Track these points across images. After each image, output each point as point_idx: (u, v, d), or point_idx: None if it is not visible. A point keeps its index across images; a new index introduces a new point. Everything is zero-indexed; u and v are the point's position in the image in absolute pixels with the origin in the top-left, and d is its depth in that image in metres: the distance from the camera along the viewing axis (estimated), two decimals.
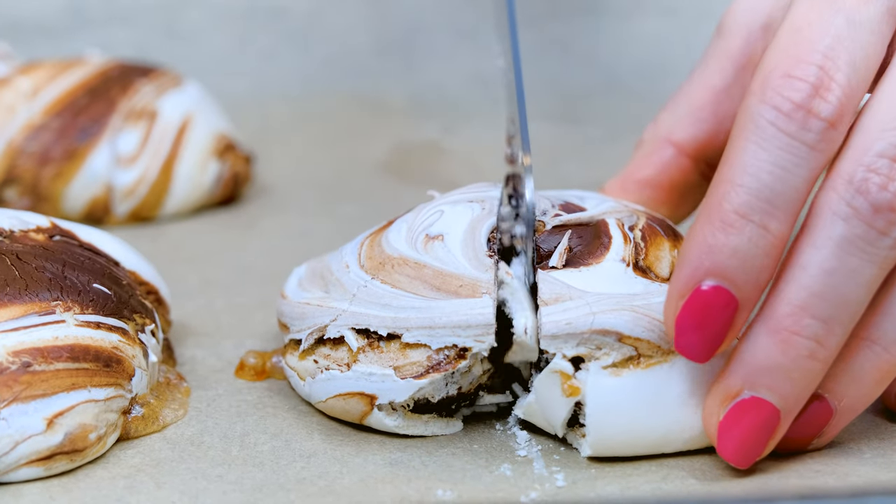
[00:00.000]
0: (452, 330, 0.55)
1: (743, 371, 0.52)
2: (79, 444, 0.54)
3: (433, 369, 0.55)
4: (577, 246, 0.57)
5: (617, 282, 0.56)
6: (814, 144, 0.51)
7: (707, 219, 0.52)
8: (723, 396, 0.53)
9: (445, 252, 0.57)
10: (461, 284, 0.56)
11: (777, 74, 0.52)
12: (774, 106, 0.51)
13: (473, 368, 0.57)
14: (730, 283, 0.52)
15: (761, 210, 0.51)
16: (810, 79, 0.51)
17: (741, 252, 0.51)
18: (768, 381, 0.52)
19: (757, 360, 0.52)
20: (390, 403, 0.56)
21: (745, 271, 0.52)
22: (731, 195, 0.51)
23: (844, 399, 0.54)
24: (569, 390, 0.55)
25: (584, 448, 0.55)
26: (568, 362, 0.55)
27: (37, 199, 0.77)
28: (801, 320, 0.51)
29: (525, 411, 0.57)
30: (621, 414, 0.54)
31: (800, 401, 0.53)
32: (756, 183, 0.51)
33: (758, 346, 0.52)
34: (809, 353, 0.52)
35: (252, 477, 0.54)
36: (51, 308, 0.56)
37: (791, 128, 0.51)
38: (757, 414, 0.52)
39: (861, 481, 0.53)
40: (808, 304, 0.51)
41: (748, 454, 0.53)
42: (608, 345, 0.54)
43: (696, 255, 0.52)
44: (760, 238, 0.51)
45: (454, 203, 0.59)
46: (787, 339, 0.52)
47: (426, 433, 0.57)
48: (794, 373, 0.52)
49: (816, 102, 0.51)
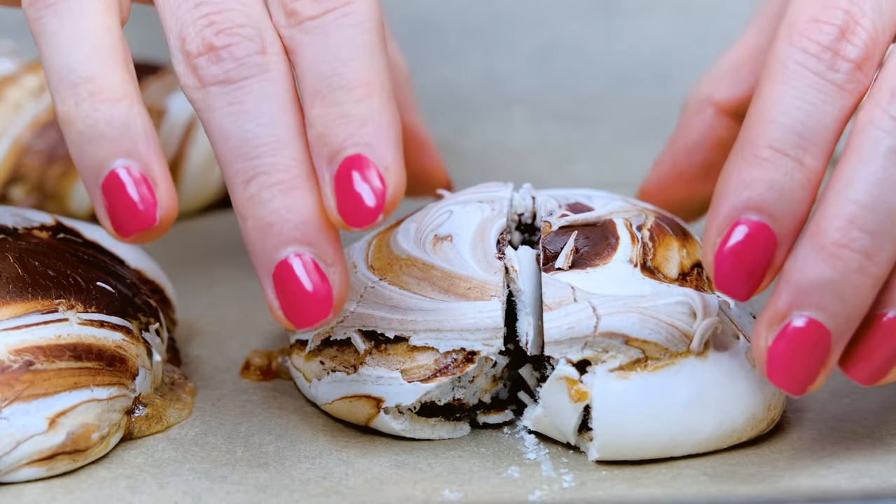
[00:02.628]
0: (461, 333, 0.55)
1: (790, 291, 0.51)
2: (81, 443, 0.54)
3: (441, 373, 0.55)
4: (584, 247, 0.56)
5: (624, 283, 0.55)
6: (842, 84, 0.52)
7: (742, 156, 0.52)
8: (770, 321, 0.52)
9: (454, 253, 0.56)
10: (470, 287, 0.55)
11: (804, 18, 0.52)
12: (802, 48, 0.52)
13: (477, 379, 0.56)
14: (768, 216, 0.51)
15: (795, 144, 0.51)
16: (837, 21, 0.52)
17: (778, 185, 0.51)
18: (817, 299, 0.51)
19: (804, 278, 0.51)
20: (397, 407, 0.56)
21: (784, 204, 0.51)
22: (764, 131, 0.51)
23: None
24: (576, 395, 0.54)
25: (591, 452, 0.55)
26: (573, 367, 0.54)
27: (43, 197, 0.77)
28: (850, 233, 0.50)
29: (534, 423, 0.56)
30: (629, 417, 0.54)
31: (851, 321, 0.51)
32: (788, 119, 0.51)
33: (805, 263, 0.51)
34: (859, 266, 0.50)
35: (256, 477, 0.54)
36: (53, 306, 0.55)
37: (819, 67, 0.52)
38: (807, 336, 0.51)
39: (873, 483, 0.52)
40: (856, 217, 0.50)
41: (801, 380, 0.52)
42: (615, 347, 0.54)
43: (733, 190, 0.52)
44: (796, 171, 0.51)
45: (464, 203, 0.59)
46: (835, 252, 0.50)
47: (433, 437, 0.57)
48: (844, 289, 0.51)
49: (843, 45, 0.52)
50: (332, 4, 0.53)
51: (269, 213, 0.52)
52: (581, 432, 0.55)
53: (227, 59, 0.53)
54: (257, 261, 0.53)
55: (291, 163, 0.52)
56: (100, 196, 0.52)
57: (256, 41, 0.53)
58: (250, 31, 0.53)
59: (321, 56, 0.53)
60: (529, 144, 0.90)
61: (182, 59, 0.53)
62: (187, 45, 0.53)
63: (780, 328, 0.51)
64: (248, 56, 0.53)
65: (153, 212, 0.52)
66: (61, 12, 0.53)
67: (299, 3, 0.53)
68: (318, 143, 0.52)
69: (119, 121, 0.52)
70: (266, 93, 0.52)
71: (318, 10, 0.53)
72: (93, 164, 0.52)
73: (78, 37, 0.52)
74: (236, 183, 0.52)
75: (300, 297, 0.52)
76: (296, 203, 0.52)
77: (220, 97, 0.52)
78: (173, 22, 0.54)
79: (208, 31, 0.53)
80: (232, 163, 0.52)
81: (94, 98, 0.52)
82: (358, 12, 0.53)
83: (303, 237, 0.52)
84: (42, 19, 0.53)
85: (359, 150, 0.52)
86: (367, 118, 0.52)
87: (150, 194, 0.52)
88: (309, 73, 0.53)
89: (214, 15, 0.53)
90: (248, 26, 0.53)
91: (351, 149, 0.52)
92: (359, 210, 0.52)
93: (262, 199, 0.52)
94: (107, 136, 0.52)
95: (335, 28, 0.53)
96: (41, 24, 0.53)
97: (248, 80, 0.52)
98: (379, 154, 0.52)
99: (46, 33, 0.53)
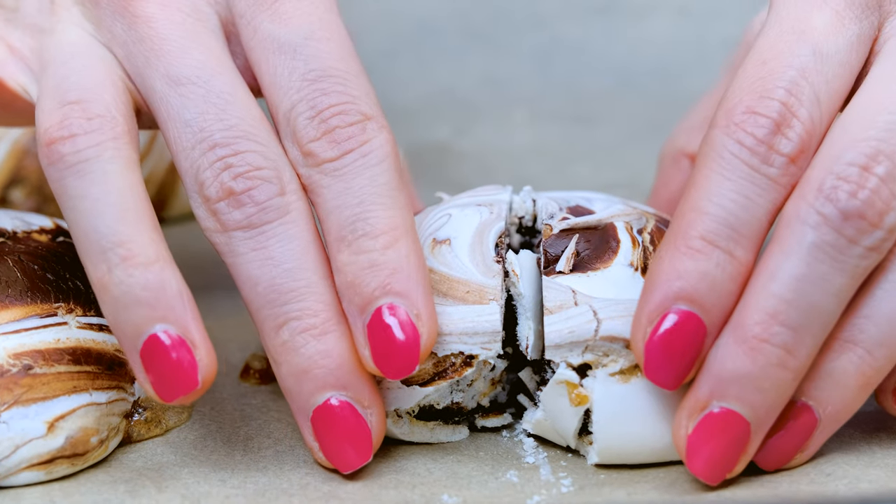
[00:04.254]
0: (459, 337, 0.55)
1: (711, 381, 0.52)
2: (80, 447, 0.54)
3: (439, 377, 0.55)
4: (585, 250, 0.56)
5: (625, 287, 0.55)
6: (775, 178, 0.52)
7: (674, 245, 0.52)
8: (691, 409, 0.52)
9: (453, 257, 0.56)
10: (468, 290, 0.55)
11: (741, 109, 0.52)
12: (737, 140, 0.52)
13: (476, 383, 0.56)
14: (699, 307, 0.51)
15: (727, 236, 0.51)
16: (772, 115, 0.52)
17: (710, 277, 0.51)
18: (737, 391, 0.51)
19: (725, 370, 0.51)
20: (395, 411, 0.55)
21: (714, 295, 0.51)
22: (697, 222, 0.52)
23: (829, 406, 0.53)
24: (577, 399, 0.54)
25: (591, 456, 0.55)
26: (573, 371, 0.54)
27: (43, 199, 0.77)
28: (771, 328, 0.51)
29: (534, 426, 0.56)
30: (629, 421, 0.54)
31: (771, 413, 0.52)
32: (721, 211, 0.51)
33: (726, 356, 0.51)
34: (779, 361, 0.51)
35: (255, 481, 0.54)
36: (53, 310, 0.55)
37: (754, 161, 0.52)
38: (726, 426, 0.51)
39: (872, 489, 0.52)
40: (778, 312, 0.51)
41: (718, 469, 0.52)
42: (615, 351, 0.54)
43: (664, 280, 0.52)
44: (727, 263, 0.51)
45: (462, 207, 0.59)
46: (755, 346, 0.51)
47: (432, 440, 0.56)
48: (763, 382, 0.51)
49: (778, 139, 0.52)
50: (349, 146, 0.53)
51: (303, 359, 0.52)
52: (581, 436, 0.55)
53: (249, 203, 0.52)
54: (294, 405, 0.53)
55: (321, 307, 0.52)
56: (139, 361, 0.52)
57: (275, 183, 0.53)
58: (268, 174, 0.53)
59: (343, 200, 0.53)
60: (530, 146, 0.90)
61: (201, 203, 0.53)
62: (206, 191, 0.53)
63: (700, 417, 0.52)
64: (269, 200, 0.53)
65: (195, 374, 0.52)
66: (84, 174, 0.52)
67: (316, 145, 0.53)
68: (348, 292, 0.52)
69: (154, 285, 0.52)
70: (290, 235, 0.53)
71: (336, 152, 0.53)
72: (131, 330, 0.52)
73: (105, 200, 0.52)
74: (267, 328, 0.53)
75: (341, 442, 0.53)
76: (329, 348, 0.52)
77: (243, 242, 0.53)
78: (188, 164, 0.53)
79: (226, 175, 0.53)
80: (261, 308, 0.53)
81: (126, 263, 0.51)
82: (375, 150, 0.53)
83: (337, 382, 0.52)
84: (64, 180, 0.53)
85: (390, 299, 0.52)
86: (396, 266, 0.52)
87: (190, 357, 0.52)
88: (332, 217, 0.53)
89: (230, 158, 0.53)
90: (265, 168, 0.53)
91: (382, 299, 0.52)
92: (394, 360, 0.52)
93: (296, 345, 0.52)
94: (143, 302, 0.51)
95: (355, 171, 0.53)
96: (63, 186, 0.53)
97: (271, 225, 0.53)
98: (410, 302, 0.52)
99: (71, 196, 0.52)
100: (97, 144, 0.53)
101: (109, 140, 0.53)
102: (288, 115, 0.54)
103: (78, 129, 0.53)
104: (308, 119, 0.53)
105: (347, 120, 0.53)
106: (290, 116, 0.54)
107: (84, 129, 0.53)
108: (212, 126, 0.53)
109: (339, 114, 0.53)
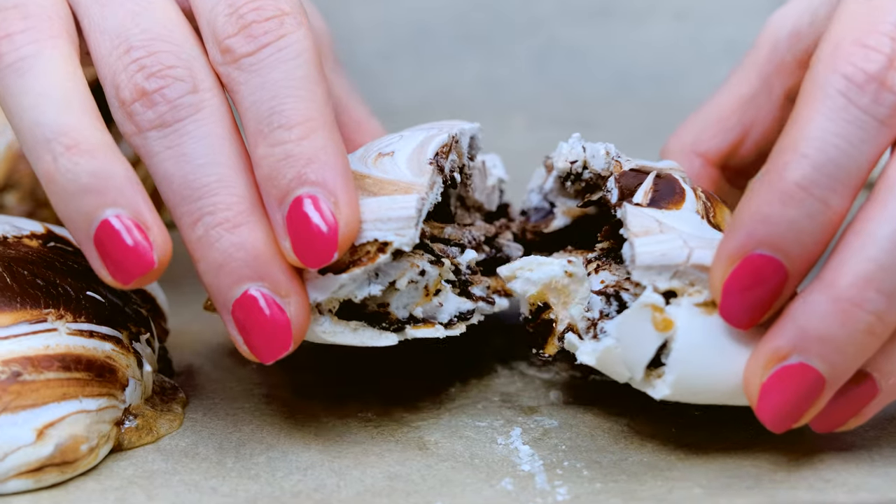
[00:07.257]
0: (374, 223, 0.54)
1: (796, 334, 0.51)
2: (70, 455, 0.53)
3: (353, 264, 0.54)
4: (656, 190, 0.56)
5: (700, 228, 0.55)
6: (885, 119, 0.50)
7: (767, 186, 0.50)
8: (769, 357, 0.51)
9: (392, 165, 0.57)
10: (396, 188, 0.55)
11: (849, 42, 0.50)
12: (846, 75, 0.50)
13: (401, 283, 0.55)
14: (783, 254, 0.51)
15: (823, 185, 0.50)
16: (885, 49, 0.50)
17: (798, 225, 0.50)
18: (820, 349, 0.50)
19: (812, 327, 0.50)
20: (318, 306, 0.55)
21: (800, 245, 0.50)
22: (793, 166, 0.50)
23: (892, 377, 0.52)
24: (662, 324, 0.53)
25: (659, 389, 0.53)
26: (660, 295, 0.53)
27: (36, 204, 0.76)
28: (865, 293, 0.50)
29: (599, 356, 0.54)
30: (707, 354, 0.52)
31: (847, 374, 0.51)
32: (821, 156, 0.50)
33: (815, 313, 0.50)
34: (868, 328, 0.50)
35: (247, 489, 0.53)
36: (42, 316, 0.55)
37: (863, 100, 0.50)
38: (803, 380, 0.51)
39: (872, 497, 0.52)
40: (875, 277, 0.50)
41: (786, 419, 0.52)
42: (702, 282, 0.53)
43: (751, 222, 0.51)
44: (819, 213, 0.50)
45: (416, 129, 0.60)
46: (847, 310, 0.50)
47: (355, 342, 0.55)
48: (849, 346, 0.50)
49: (892, 75, 0.50)
50: (265, 40, 0.53)
51: (218, 253, 0.52)
52: (650, 368, 0.54)
53: (160, 102, 0.53)
54: (216, 300, 0.53)
55: (234, 199, 0.52)
56: (93, 249, 0.52)
57: (188, 81, 0.53)
58: (181, 72, 0.53)
59: (260, 95, 0.53)
60: (528, 149, 0.89)
61: (118, 107, 0.53)
62: (121, 93, 0.53)
63: (778, 367, 0.51)
64: (181, 97, 0.53)
65: (150, 255, 0.52)
66: (24, 70, 0.53)
67: (233, 41, 0.53)
68: (265, 185, 0.52)
69: (101, 171, 0.51)
70: (203, 132, 0.53)
71: (252, 46, 0.53)
72: (82, 219, 0.52)
73: (47, 94, 0.52)
74: (184, 225, 0.53)
75: (260, 333, 0.53)
76: (243, 240, 0.52)
77: (157, 142, 0.53)
78: (107, 70, 0.54)
79: (139, 75, 0.53)
80: (177, 206, 0.53)
81: (71, 151, 0.51)
82: (292, 45, 0.53)
83: (254, 273, 0.52)
84: (5, 80, 0.53)
85: (307, 189, 0.52)
86: (312, 156, 0.52)
87: (144, 238, 0.52)
88: (249, 112, 0.53)
89: (144, 59, 0.53)
90: (178, 67, 0.53)
91: (298, 189, 0.52)
92: (313, 249, 0.52)
93: (210, 239, 0.52)
94: (91, 189, 0.51)
95: (271, 64, 0.53)
96: (6, 86, 0.53)
97: (183, 122, 0.53)
98: (327, 191, 0.52)
99: (13, 94, 0.53)
100: (35, 41, 0.53)
101: (47, 38, 0.53)
102: (208, 17, 0.54)
103: (14, 28, 0.53)
104: (226, 17, 0.54)
105: (264, 14, 0.53)
106: (210, 18, 0.54)
107: (21, 28, 0.53)
108: (129, 31, 0.53)
109: (256, 9, 0.53)
